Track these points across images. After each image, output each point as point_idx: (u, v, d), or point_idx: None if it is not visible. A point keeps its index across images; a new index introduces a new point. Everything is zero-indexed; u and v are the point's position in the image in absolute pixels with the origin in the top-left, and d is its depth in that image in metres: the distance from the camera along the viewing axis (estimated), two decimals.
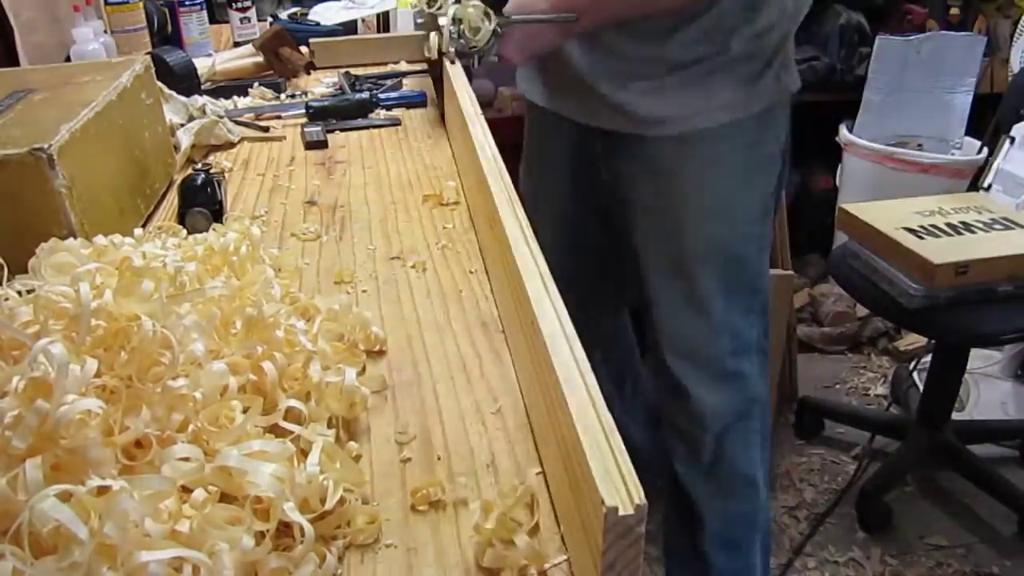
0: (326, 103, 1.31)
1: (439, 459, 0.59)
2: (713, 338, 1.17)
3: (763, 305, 1.21)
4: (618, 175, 1.18)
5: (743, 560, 1.27)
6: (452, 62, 1.04)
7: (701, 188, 1.11)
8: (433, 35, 1.05)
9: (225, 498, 0.50)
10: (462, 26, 0.99)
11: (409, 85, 1.47)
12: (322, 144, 1.20)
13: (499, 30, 0.99)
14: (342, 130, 1.26)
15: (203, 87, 1.41)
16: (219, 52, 1.67)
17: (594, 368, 0.49)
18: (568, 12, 0.99)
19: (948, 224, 1.64)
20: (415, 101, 1.37)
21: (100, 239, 0.67)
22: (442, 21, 1.01)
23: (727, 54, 1.04)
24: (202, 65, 1.46)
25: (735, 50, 1.04)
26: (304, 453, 0.54)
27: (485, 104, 2.34)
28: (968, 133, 2.34)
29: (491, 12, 0.99)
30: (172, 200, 1.01)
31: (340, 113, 1.30)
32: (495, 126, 0.94)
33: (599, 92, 1.10)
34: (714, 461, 1.22)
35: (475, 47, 1.00)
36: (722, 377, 1.19)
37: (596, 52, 1.09)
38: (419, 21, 1.23)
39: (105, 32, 1.53)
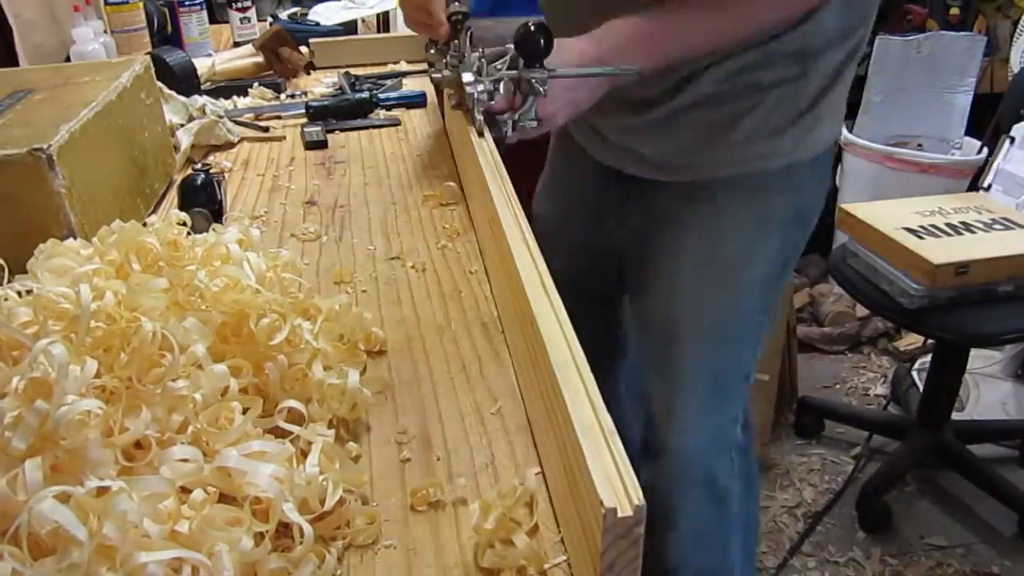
0: (326, 103, 1.31)
1: (439, 459, 0.59)
2: (689, 434, 1.06)
3: (749, 387, 1.10)
4: (628, 227, 1.07)
5: None
6: (480, 134, 0.82)
7: (696, 249, 0.98)
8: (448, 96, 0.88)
9: (224, 499, 0.50)
10: (488, 85, 0.80)
11: (409, 85, 1.47)
12: (322, 144, 1.20)
13: (540, 88, 0.78)
14: (342, 130, 1.26)
15: (203, 87, 1.41)
16: (219, 52, 1.67)
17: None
18: (623, 60, 0.81)
19: (948, 224, 1.64)
20: (415, 101, 1.37)
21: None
22: (467, 78, 0.80)
23: (757, 96, 0.90)
24: (202, 65, 1.46)
25: (766, 94, 0.90)
26: (304, 454, 0.54)
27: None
28: (968, 133, 2.34)
29: (525, 66, 0.79)
30: (172, 200, 1.01)
31: (340, 113, 1.30)
32: None
33: (611, 133, 0.99)
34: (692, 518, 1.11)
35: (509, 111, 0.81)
36: (699, 465, 1.08)
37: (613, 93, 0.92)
38: (433, 76, 1.00)
39: (105, 32, 1.53)
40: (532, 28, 0.77)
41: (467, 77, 0.80)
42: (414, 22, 1.00)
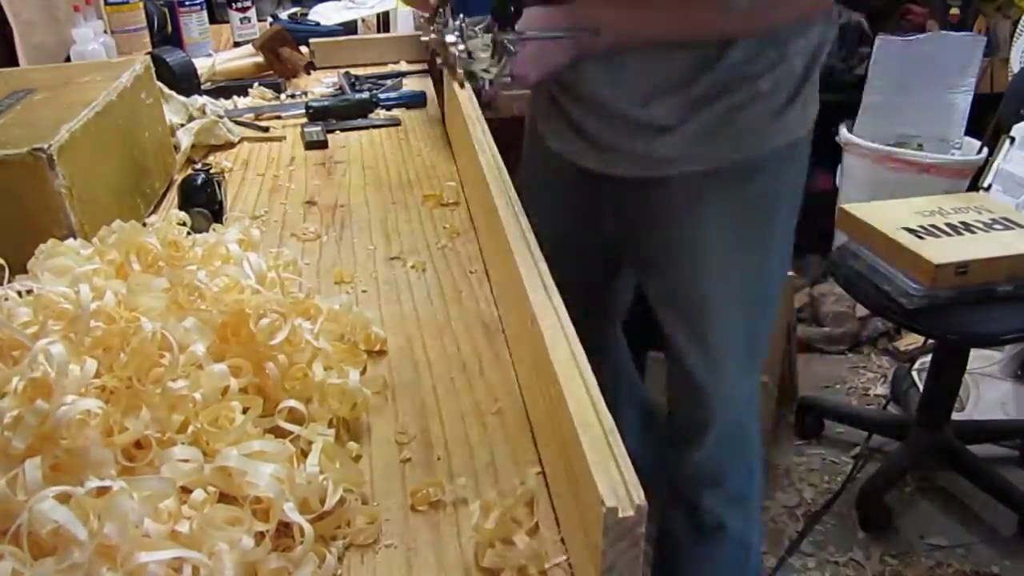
0: (326, 103, 1.31)
1: (439, 459, 0.59)
2: (730, 393, 1.12)
3: (760, 360, 1.16)
4: (629, 221, 1.09)
5: None
6: (461, 86, 0.95)
7: (716, 226, 1.02)
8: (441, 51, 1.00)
9: (225, 498, 0.50)
10: (468, 45, 0.91)
11: (409, 85, 1.47)
12: (322, 144, 1.20)
13: (512, 48, 0.90)
14: (342, 130, 1.26)
15: (203, 87, 1.41)
16: (219, 52, 1.67)
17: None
18: (590, 26, 0.91)
19: (948, 224, 1.64)
20: (415, 101, 1.37)
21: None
22: (449, 39, 0.92)
23: (754, 88, 0.94)
24: (202, 65, 1.46)
25: (762, 85, 0.94)
26: (304, 453, 0.54)
27: (485, 105, 2.33)
28: (968, 133, 2.34)
29: (499, 29, 0.90)
30: (172, 200, 1.01)
31: (340, 113, 1.30)
32: (495, 127, 0.94)
33: (611, 139, 1.00)
34: (713, 527, 1.19)
35: (485, 68, 0.91)
36: (735, 436, 1.15)
37: (615, 88, 0.97)
38: (423, 39, 1.11)
39: (105, 32, 1.53)
40: None
41: (449, 38, 0.91)
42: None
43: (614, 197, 1.09)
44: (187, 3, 1.66)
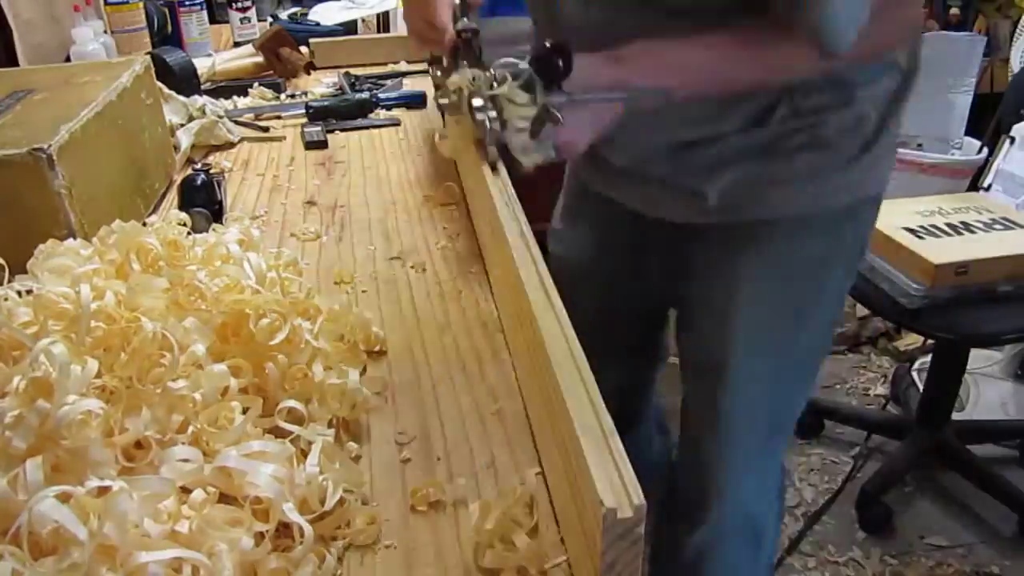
0: (326, 103, 1.31)
1: (439, 460, 0.59)
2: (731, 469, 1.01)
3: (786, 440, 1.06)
4: (671, 271, 0.99)
5: None
6: (494, 169, 0.76)
7: (756, 287, 0.91)
8: (449, 123, 0.80)
9: (225, 499, 0.50)
10: (505, 114, 0.72)
11: (409, 85, 1.47)
12: (322, 144, 1.20)
13: (559, 114, 0.70)
14: (342, 130, 1.26)
15: (203, 87, 1.41)
16: (219, 52, 1.67)
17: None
18: (652, 85, 0.74)
19: (948, 224, 1.64)
20: (415, 101, 1.37)
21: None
22: (476, 103, 0.74)
23: (816, 133, 0.83)
24: (202, 65, 1.46)
25: (824, 130, 0.83)
26: (304, 453, 0.54)
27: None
28: (968, 133, 2.34)
29: (545, 90, 0.71)
30: (172, 200, 1.01)
31: (340, 113, 1.30)
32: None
33: (663, 177, 0.89)
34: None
35: (524, 142, 0.72)
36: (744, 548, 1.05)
37: (659, 132, 0.86)
38: (440, 102, 0.88)
39: (105, 32, 1.53)
40: (550, 47, 0.69)
41: (477, 102, 0.73)
42: (416, 34, 0.96)
43: (659, 244, 0.99)
44: (187, 3, 1.66)
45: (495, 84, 0.73)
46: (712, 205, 0.86)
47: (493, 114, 0.73)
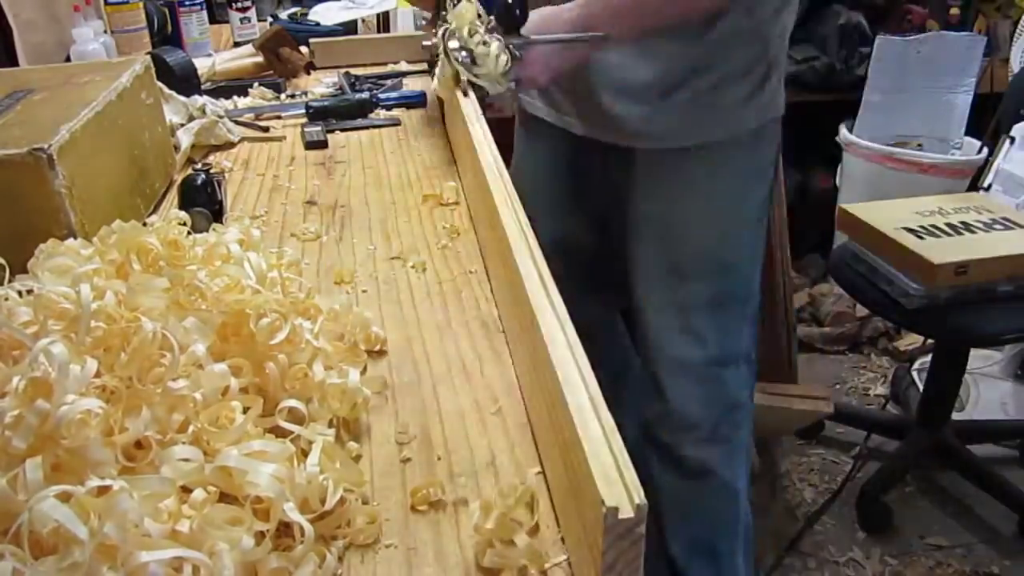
0: (326, 103, 1.31)
1: (439, 459, 0.59)
2: (699, 347, 1.16)
3: (753, 313, 1.21)
4: (616, 185, 1.17)
5: (719, 569, 1.26)
6: (465, 93, 0.95)
7: (698, 198, 1.11)
8: (440, 65, 0.98)
9: (225, 498, 0.50)
10: (473, 52, 0.91)
11: (409, 85, 1.47)
12: (322, 144, 1.20)
13: (517, 53, 0.90)
14: (342, 130, 1.26)
15: (203, 87, 1.41)
16: (219, 52, 1.67)
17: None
18: (593, 30, 0.93)
19: (948, 224, 1.64)
20: (415, 101, 1.37)
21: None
22: (452, 45, 0.92)
23: (729, 68, 1.04)
24: (202, 65, 1.46)
25: (736, 64, 1.04)
26: (304, 453, 0.54)
27: (485, 104, 2.32)
28: (968, 133, 2.34)
29: (505, 34, 0.91)
30: (172, 200, 1.01)
31: (340, 113, 1.30)
32: (495, 126, 0.94)
33: (599, 105, 1.08)
34: (695, 471, 1.21)
35: (489, 73, 0.91)
36: (706, 385, 1.18)
37: (597, 66, 1.06)
38: (425, 44, 1.12)
39: (105, 32, 1.53)
40: (510, 1, 0.89)
41: (452, 43, 0.90)
42: None
43: (601, 165, 1.19)
44: (187, 3, 1.66)
45: (468, 30, 0.91)
46: (648, 132, 1.07)
47: (465, 53, 0.91)
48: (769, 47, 1.05)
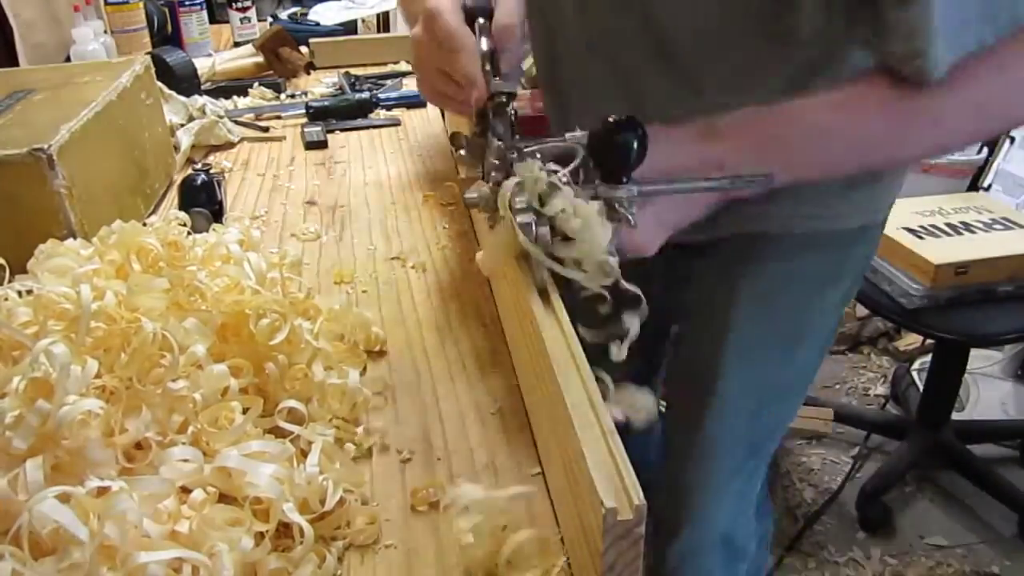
0: (326, 103, 1.31)
1: (439, 459, 0.59)
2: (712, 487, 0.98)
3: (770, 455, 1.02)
4: (673, 284, 0.90)
5: None
6: (544, 295, 0.56)
7: (754, 303, 0.86)
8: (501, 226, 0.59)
9: (225, 499, 0.50)
10: (554, 222, 0.53)
11: (409, 85, 1.47)
12: (322, 144, 1.20)
13: (629, 214, 0.54)
14: (342, 130, 1.26)
15: (203, 87, 1.41)
16: (219, 52, 1.67)
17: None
18: (761, 171, 0.59)
19: (948, 224, 1.64)
20: (415, 101, 1.37)
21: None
22: (522, 219, 0.54)
23: None
24: (202, 65, 1.46)
25: None
26: (304, 454, 0.54)
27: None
28: None
29: (607, 183, 0.54)
30: (172, 200, 1.01)
31: (340, 113, 1.30)
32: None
33: None
34: None
35: (589, 254, 0.53)
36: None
37: None
38: (468, 196, 0.66)
39: (105, 32, 1.53)
40: (615, 124, 0.51)
41: (519, 202, 0.54)
42: (432, 92, 0.75)
43: (662, 258, 0.92)
44: (187, 3, 1.66)
45: (545, 171, 0.54)
46: (709, 218, 0.70)
47: (545, 228, 0.53)
48: None
